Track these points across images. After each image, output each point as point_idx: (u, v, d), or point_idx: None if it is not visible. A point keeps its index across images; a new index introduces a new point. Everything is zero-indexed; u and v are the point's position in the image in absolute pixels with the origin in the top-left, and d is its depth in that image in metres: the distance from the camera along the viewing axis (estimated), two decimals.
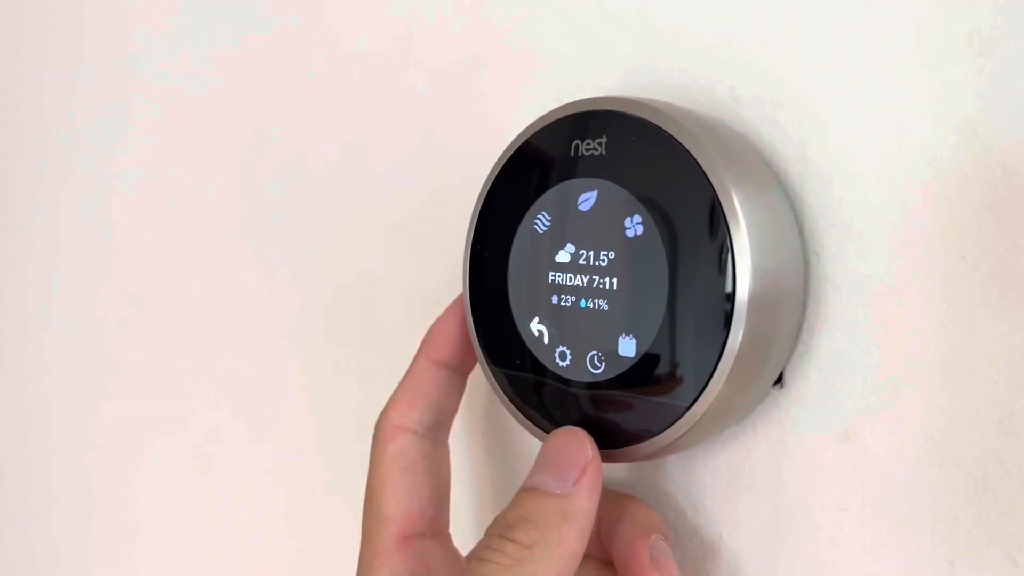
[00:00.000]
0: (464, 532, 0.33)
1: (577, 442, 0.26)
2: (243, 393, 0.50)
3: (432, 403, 0.31)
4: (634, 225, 0.26)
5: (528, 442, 0.35)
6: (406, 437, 0.30)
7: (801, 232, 0.27)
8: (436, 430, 0.31)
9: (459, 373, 0.32)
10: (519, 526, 0.24)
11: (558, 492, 0.25)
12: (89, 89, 0.59)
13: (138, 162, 0.56)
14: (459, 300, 0.32)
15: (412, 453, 0.30)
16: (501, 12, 0.35)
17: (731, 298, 0.24)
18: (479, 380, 0.37)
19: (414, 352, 0.31)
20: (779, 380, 0.27)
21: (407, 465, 0.29)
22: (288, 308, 0.46)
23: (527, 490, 0.26)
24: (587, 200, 0.27)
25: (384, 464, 0.30)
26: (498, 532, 0.25)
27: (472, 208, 0.30)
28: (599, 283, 0.26)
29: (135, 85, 0.55)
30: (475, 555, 0.25)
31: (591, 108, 0.27)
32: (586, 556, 0.29)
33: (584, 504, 0.25)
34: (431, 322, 0.32)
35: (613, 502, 0.29)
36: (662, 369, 0.25)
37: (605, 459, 0.27)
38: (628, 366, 0.26)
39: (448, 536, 0.31)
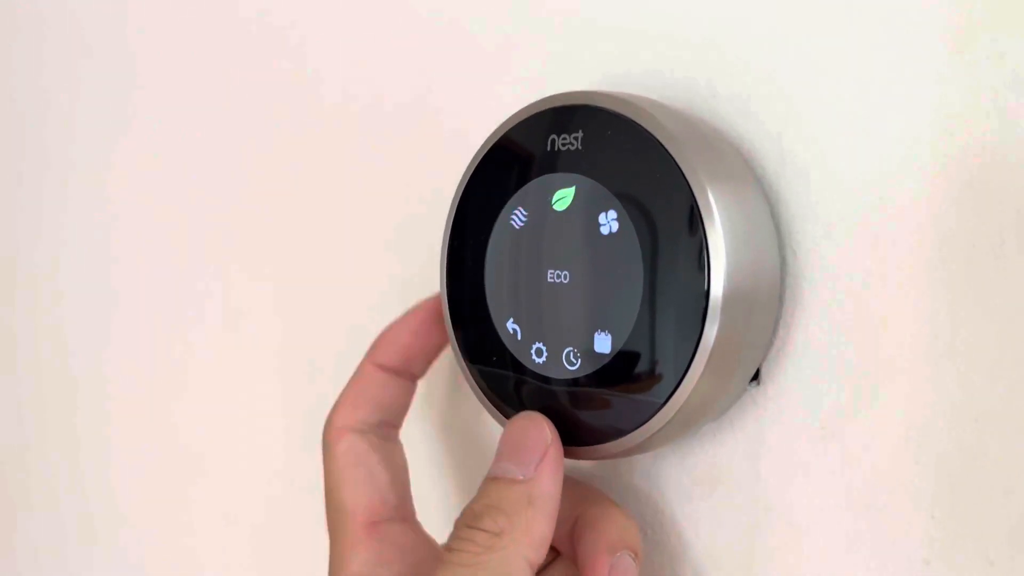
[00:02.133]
0: (437, 522, 0.33)
1: (536, 427, 0.26)
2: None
3: (378, 405, 0.31)
4: (609, 221, 0.26)
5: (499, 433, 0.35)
6: (352, 436, 0.30)
7: (778, 228, 0.27)
8: (384, 428, 0.31)
9: (406, 378, 0.32)
10: (486, 515, 0.25)
11: (521, 477, 0.25)
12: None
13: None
14: (417, 307, 0.32)
15: (361, 448, 0.30)
16: (476, 8, 0.35)
17: (706, 295, 0.24)
18: (450, 375, 0.37)
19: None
20: (756, 377, 0.27)
21: (358, 460, 0.30)
22: (268, 324, 0.46)
23: (491, 479, 0.26)
24: (563, 196, 0.27)
25: (336, 464, 0.30)
26: (466, 522, 0.25)
27: (450, 203, 0.30)
28: (574, 279, 0.26)
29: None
30: (447, 546, 0.25)
31: (568, 103, 0.27)
32: (561, 554, 0.29)
33: (547, 487, 0.25)
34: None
35: (590, 503, 0.29)
36: (637, 366, 0.25)
37: (580, 456, 0.27)
38: (603, 363, 0.26)
39: (416, 523, 0.31)
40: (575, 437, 0.27)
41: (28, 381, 0.66)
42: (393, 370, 0.32)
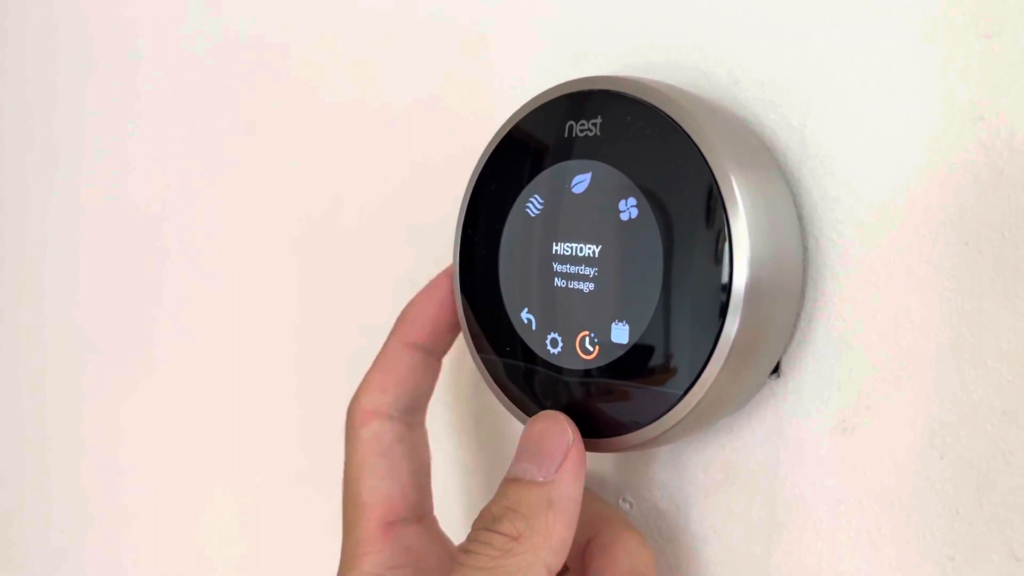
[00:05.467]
0: (455, 519, 0.32)
1: (557, 427, 0.25)
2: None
3: (406, 387, 0.30)
4: (629, 208, 0.25)
5: (514, 427, 0.34)
6: (380, 422, 0.29)
7: (800, 218, 0.26)
8: (411, 413, 0.30)
9: (434, 355, 0.31)
10: (505, 517, 0.24)
11: (541, 480, 0.24)
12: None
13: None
14: (437, 279, 0.30)
15: (387, 437, 0.29)
16: None
17: (728, 286, 0.23)
18: (468, 363, 0.36)
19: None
20: (776, 370, 0.27)
21: (383, 450, 0.29)
22: (282, 318, 0.46)
23: (510, 480, 0.25)
24: (581, 183, 0.26)
25: (359, 451, 0.29)
26: (484, 525, 0.24)
27: (463, 190, 0.29)
28: (592, 268, 0.26)
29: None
30: (463, 548, 0.24)
31: (586, 88, 0.26)
32: (570, 570, 0.28)
33: (568, 490, 0.24)
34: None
35: (605, 524, 0.28)
36: (656, 357, 0.25)
37: (596, 448, 0.26)
38: (621, 353, 0.25)
39: (433, 520, 0.30)
40: (590, 429, 0.26)
41: (29, 380, 0.66)
42: (421, 347, 0.30)
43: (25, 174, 0.64)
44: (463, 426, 0.38)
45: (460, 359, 0.32)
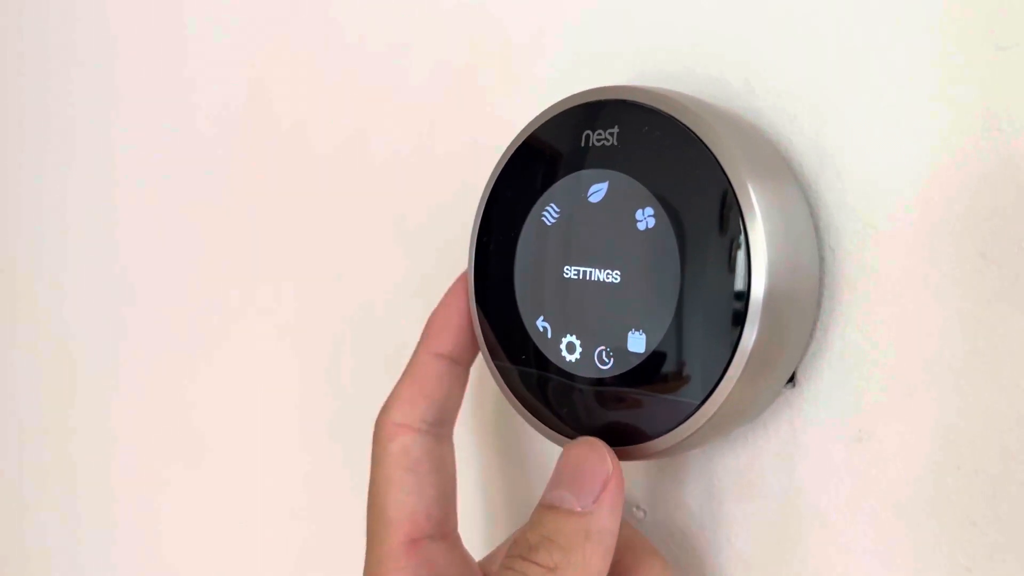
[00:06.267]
0: (476, 533, 0.32)
1: (597, 455, 0.25)
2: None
3: (435, 399, 0.29)
4: (646, 218, 0.25)
5: (538, 439, 0.34)
6: (409, 435, 0.29)
7: (816, 227, 0.26)
8: (440, 426, 0.30)
9: (462, 365, 0.30)
10: (542, 547, 0.23)
11: (579, 510, 0.24)
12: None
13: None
14: (457, 287, 0.30)
15: (416, 452, 0.29)
16: (508, 4, 0.34)
17: (746, 295, 0.23)
18: (478, 374, 0.36)
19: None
20: (792, 379, 0.27)
21: (411, 465, 0.28)
22: (295, 314, 0.46)
23: (546, 507, 0.24)
24: (597, 192, 0.26)
25: (387, 464, 0.28)
26: (520, 554, 0.24)
27: (479, 199, 0.29)
28: (608, 277, 0.26)
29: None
30: None
31: (603, 97, 0.26)
32: None
33: (606, 522, 0.24)
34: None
35: (629, 548, 0.28)
36: (672, 366, 0.25)
37: None
38: (637, 362, 0.25)
39: (457, 538, 0.30)
40: (605, 438, 0.26)
41: (30, 377, 0.66)
42: (449, 357, 0.30)
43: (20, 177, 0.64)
44: (485, 436, 0.38)
45: (484, 369, 0.32)
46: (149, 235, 0.54)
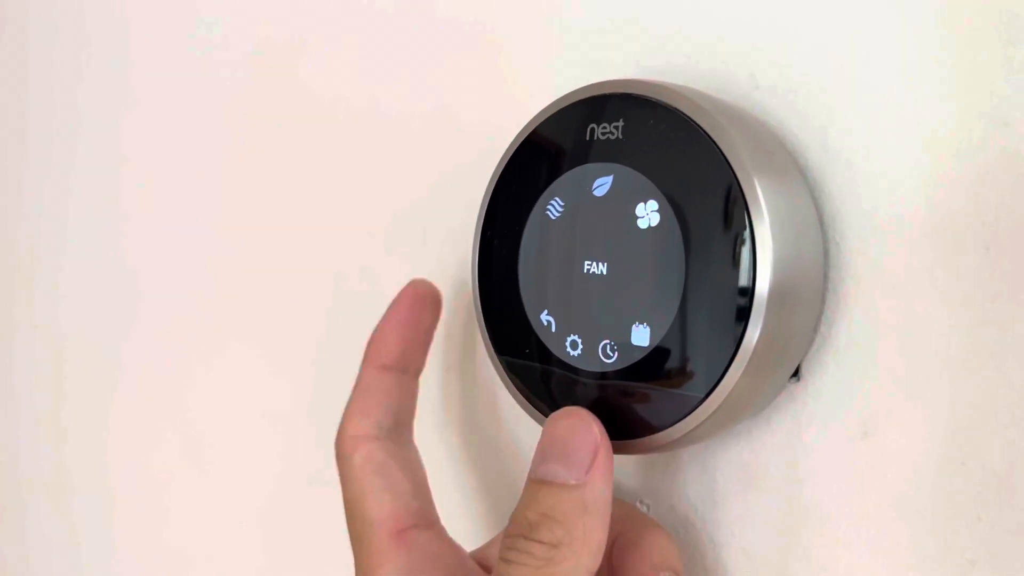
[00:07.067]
0: (474, 530, 0.32)
1: (583, 425, 0.25)
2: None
3: (386, 409, 0.30)
4: (650, 212, 0.25)
5: (531, 432, 0.34)
6: (369, 444, 0.29)
7: (822, 221, 0.26)
8: (397, 432, 0.30)
9: (408, 374, 0.31)
10: (542, 525, 0.23)
11: (573, 482, 0.24)
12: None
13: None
14: (397, 300, 0.31)
15: (380, 456, 0.29)
16: None
17: (750, 289, 0.23)
18: (478, 370, 0.36)
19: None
20: (796, 373, 0.27)
21: (378, 468, 0.29)
22: (288, 304, 0.46)
23: (538, 483, 0.24)
24: (602, 185, 0.26)
25: (355, 477, 0.29)
26: (521, 533, 0.24)
27: (483, 192, 0.29)
28: (613, 270, 0.26)
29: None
30: (502, 557, 0.24)
31: (608, 91, 0.26)
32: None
33: (601, 491, 0.24)
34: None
35: (630, 522, 0.28)
36: (676, 360, 0.25)
37: (615, 450, 0.26)
38: (641, 356, 0.25)
39: (442, 528, 0.30)
40: (610, 431, 0.26)
41: (30, 375, 0.66)
42: (394, 368, 0.31)
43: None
44: (462, 431, 0.38)
45: (479, 363, 0.32)
46: (150, 235, 0.54)
